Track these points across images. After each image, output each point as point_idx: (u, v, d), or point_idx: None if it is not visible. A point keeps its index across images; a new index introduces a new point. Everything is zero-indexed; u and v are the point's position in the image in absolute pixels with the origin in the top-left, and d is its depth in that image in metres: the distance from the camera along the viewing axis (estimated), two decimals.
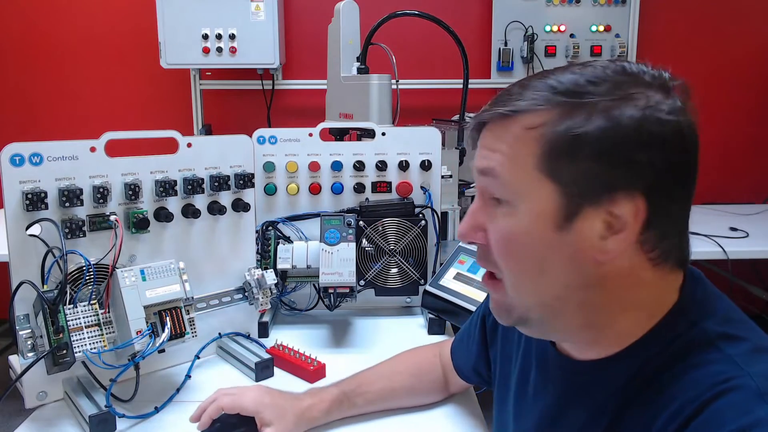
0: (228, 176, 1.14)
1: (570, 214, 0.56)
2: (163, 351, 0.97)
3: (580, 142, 0.55)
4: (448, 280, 1.29)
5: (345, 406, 0.94)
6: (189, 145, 1.10)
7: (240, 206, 1.16)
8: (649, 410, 0.57)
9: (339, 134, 1.70)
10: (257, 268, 1.19)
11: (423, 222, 1.33)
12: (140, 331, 0.93)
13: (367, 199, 1.36)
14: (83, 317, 0.93)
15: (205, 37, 2.63)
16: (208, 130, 2.91)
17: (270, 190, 1.35)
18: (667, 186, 0.56)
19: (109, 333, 0.95)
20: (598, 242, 0.56)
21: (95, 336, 0.94)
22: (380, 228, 1.31)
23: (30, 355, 0.90)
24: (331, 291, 1.22)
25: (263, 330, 1.25)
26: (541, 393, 0.71)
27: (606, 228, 0.56)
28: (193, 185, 1.09)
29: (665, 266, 0.59)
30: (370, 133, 1.38)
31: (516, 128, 0.58)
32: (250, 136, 1.22)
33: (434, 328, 1.28)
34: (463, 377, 0.96)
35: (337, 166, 1.35)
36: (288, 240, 1.32)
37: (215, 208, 1.12)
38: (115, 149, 1.01)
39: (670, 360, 0.57)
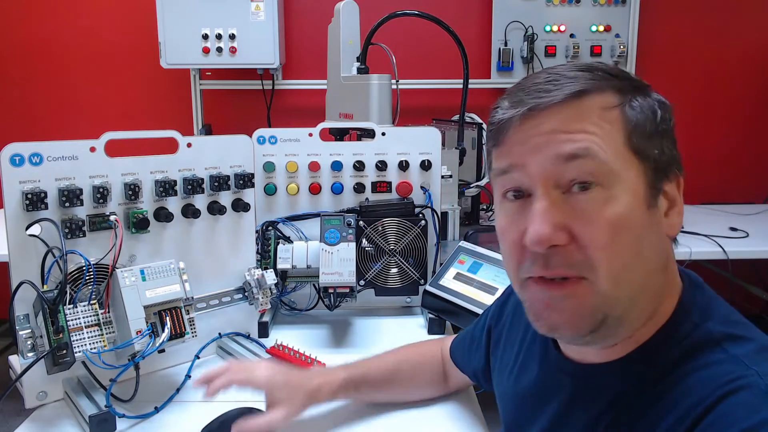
0: (228, 176, 1.14)
1: (656, 191, 0.59)
2: (163, 351, 0.97)
3: (657, 120, 0.59)
4: (448, 280, 1.29)
5: (350, 392, 0.96)
6: (189, 145, 1.10)
7: (240, 206, 1.16)
8: (654, 412, 0.56)
9: (339, 134, 1.70)
10: (257, 268, 1.19)
11: (423, 222, 1.33)
12: (140, 331, 0.93)
13: (367, 199, 1.36)
14: (83, 317, 0.93)
15: (205, 37, 2.63)
16: (208, 130, 2.91)
17: (270, 190, 1.35)
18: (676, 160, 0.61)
19: (109, 333, 0.95)
20: (665, 218, 0.60)
21: (95, 336, 0.94)
22: (380, 228, 1.31)
23: (30, 355, 0.90)
24: (331, 291, 1.22)
25: (263, 330, 1.25)
26: (545, 396, 0.71)
27: (667, 203, 0.60)
28: (193, 185, 1.09)
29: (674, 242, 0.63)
30: (370, 133, 1.38)
31: (593, 109, 0.57)
32: (250, 136, 1.22)
33: (434, 328, 1.28)
34: (464, 373, 0.97)
35: (337, 166, 1.35)
36: (288, 240, 1.32)
37: (215, 208, 1.12)
38: (115, 149, 1.01)
39: (675, 361, 0.57)
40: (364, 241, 1.30)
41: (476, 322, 0.95)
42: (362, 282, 1.31)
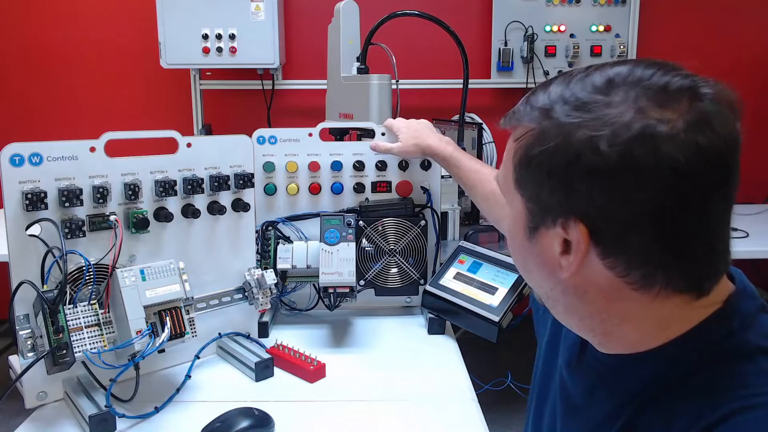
0: (228, 176, 1.14)
1: (532, 227, 0.59)
2: (163, 351, 0.97)
3: (532, 161, 0.56)
4: (448, 279, 1.29)
5: (445, 164, 1.27)
6: (189, 145, 1.10)
7: (240, 206, 1.16)
8: (669, 413, 0.56)
9: (339, 134, 1.70)
10: (257, 268, 1.19)
11: (423, 222, 1.33)
12: (140, 331, 0.93)
13: (367, 198, 1.36)
14: (83, 317, 0.93)
15: (205, 37, 2.63)
16: (208, 130, 2.91)
17: (270, 190, 1.35)
18: (616, 219, 0.52)
19: (109, 333, 0.95)
20: (557, 257, 0.57)
21: (95, 336, 0.94)
22: (380, 228, 1.31)
23: (30, 355, 0.90)
24: (331, 291, 1.22)
25: (263, 330, 1.25)
26: (571, 376, 0.71)
27: (562, 245, 0.57)
28: (193, 185, 1.09)
29: (651, 291, 0.55)
30: (370, 133, 1.38)
31: (510, 139, 0.61)
32: (250, 136, 1.22)
33: (434, 328, 1.28)
34: None
35: (336, 166, 1.35)
36: (288, 240, 1.32)
37: (215, 208, 1.12)
38: (114, 149, 1.01)
39: (703, 365, 0.56)
40: (364, 241, 1.30)
41: None
42: (362, 282, 1.31)
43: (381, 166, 1.35)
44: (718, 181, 0.52)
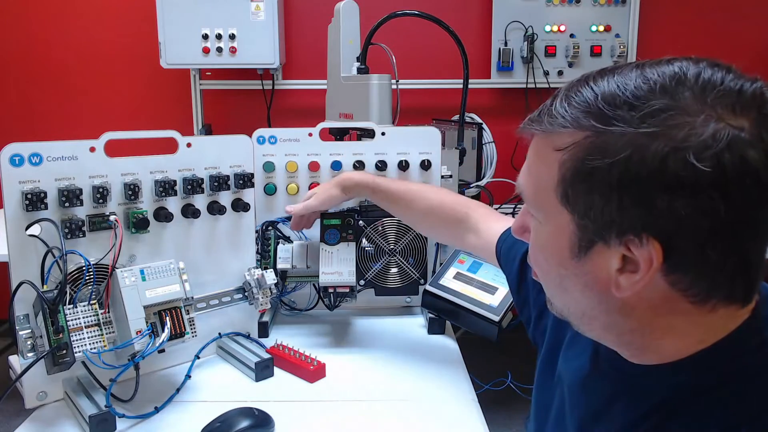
0: (228, 176, 1.13)
1: (583, 246, 0.54)
2: (162, 351, 0.97)
3: (595, 174, 0.50)
4: (448, 279, 1.29)
5: (369, 192, 1.20)
6: (189, 145, 1.10)
7: (240, 206, 1.16)
8: (703, 421, 0.54)
9: (339, 134, 1.70)
10: (257, 268, 1.19)
11: None
12: (140, 331, 0.93)
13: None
14: (83, 317, 0.93)
15: (205, 37, 2.63)
16: (208, 130, 2.91)
17: (270, 190, 1.35)
18: (698, 233, 0.49)
19: (109, 333, 0.95)
20: (614, 275, 0.53)
21: (95, 336, 0.94)
22: (380, 228, 1.31)
23: (30, 355, 0.90)
24: (331, 291, 1.22)
25: (263, 330, 1.25)
26: (590, 385, 0.69)
27: (624, 263, 0.52)
28: (193, 185, 1.09)
29: (707, 304, 0.53)
30: (370, 133, 1.38)
31: (546, 147, 0.55)
32: (250, 136, 1.22)
33: (434, 327, 1.28)
34: (499, 259, 0.97)
35: (337, 166, 1.35)
36: (288, 240, 1.32)
37: (215, 208, 1.12)
38: (114, 149, 1.01)
39: (735, 375, 0.54)
40: (364, 240, 1.30)
41: None
42: (362, 282, 1.31)
43: (381, 166, 1.35)
44: None
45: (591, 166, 0.50)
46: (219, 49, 2.65)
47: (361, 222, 1.30)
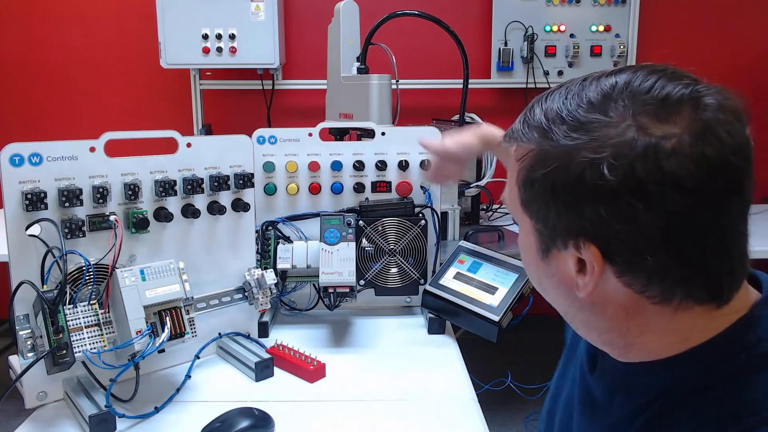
0: (228, 176, 1.13)
1: (544, 249, 0.59)
2: (162, 351, 0.97)
3: (535, 184, 0.55)
4: (448, 279, 1.29)
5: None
6: (189, 145, 1.10)
7: (240, 206, 1.16)
8: (694, 420, 0.55)
9: (339, 134, 1.70)
10: (257, 268, 1.19)
11: (423, 222, 1.33)
12: (140, 331, 0.93)
13: (366, 198, 1.36)
14: (83, 317, 0.93)
15: (205, 37, 2.63)
16: (208, 130, 2.91)
17: (270, 190, 1.35)
18: (629, 239, 0.51)
19: (109, 333, 0.95)
20: (573, 276, 0.56)
21: (95, 336, 0.94)
22: (380, 228, 1.31)
23: (30, 355, 0.90)
24: (331, 291, 1.22)
25: (263, 330, 1.25)
26: (591, 381, 0.71)
27: (577, 264, 0.56)
28: (193, 185, 1.09)
29: (671, 304, 0.54)
30: (370, 133, 1.38)
31: (514, 160, 0.60)
32: (250, 136, 1.22)
33: (434, 327, 1.28)
34: None
35: (336, 165, 1.35)
36: (288, 240, 1.32)
37: (215, 208, 1.12)
38: (114, 149, 1.01)
39: (728, 374, 0.55)
40: (364, 240, 1.30)
41: None
42: (362, 282, 1.31)
43: (381, 166, 1.35)
44: (730, 190, 0.50)
45: (532, 177, 0.55)
46: (219, 49, 2.65)
47: (361, 222, 1.30)
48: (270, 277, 1.16)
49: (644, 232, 0.50)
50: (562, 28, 2.91)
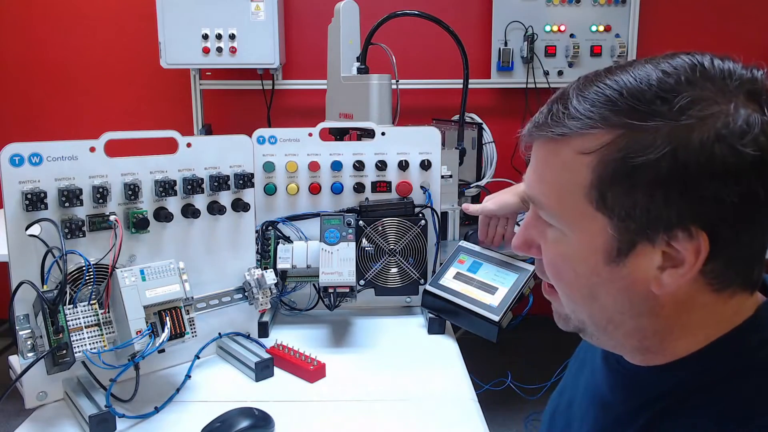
0: (228, 176, 1.13)
1: (624, 249, 0.53)
2: (162, 351, 0.97)
3: (638, 172, 0.49)
4: (448, 279, 1.29)
5: None
6: (189, 145, 1.10)
7: (240, 206, 1.16)
8: (697, 421, 0.55)
9: (339, 134, 1.70)
10: (257, 268, 1.19)
11: (423, 222, 1.33)
12: (140, 331, 0.93)
13: (366, 198, 1.36)
14: (83, 317, 0.93)
15: (205, 37, 2.63)
16: (208, 130, 2.91)
17: (270, 190, 1.35)
18: (739, 218, 0.50)
19: (109, 333, 0.95)
20: (655, 273, 0.52)
21: (95, 336, 0.94)
22: (380, 228, 1.31)
23: (30, 355, 0.90)
24: (331, 291, 1.22)
25: (263, 330, 1.25)
26: (591, 387, 0.71)
27: (664, 260, 0.52)
28: (193, 185, 1.09)
29: (726, 291, 0.54)
30: (370, 133, 1.38)
31: (567, 152, 0.53)
32: (250, 136, 1.22)
33: (434, 327, 1.28)
34: None
35: (336, 165, 1.35)
36: (288, 240, 1.32)
37: (215, 208, 1.12)
38: (114, 149, 1.01)
39: (732, 375, 0.55)
40: (364, 240, 1.30)
41: None
42: (362, 282, 1.31)
43: (381, 166, 1.35)
44: None
45: (632, 164, 0.49)
46: (219, 49, 2.65)
47: (361, 222, 1.30)
48: (270, 277, 1.16)
49: (754, 210, 0.50)
50: (562, 28, 2.91)
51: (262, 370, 1.09)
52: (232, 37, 2.64)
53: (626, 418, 0.62)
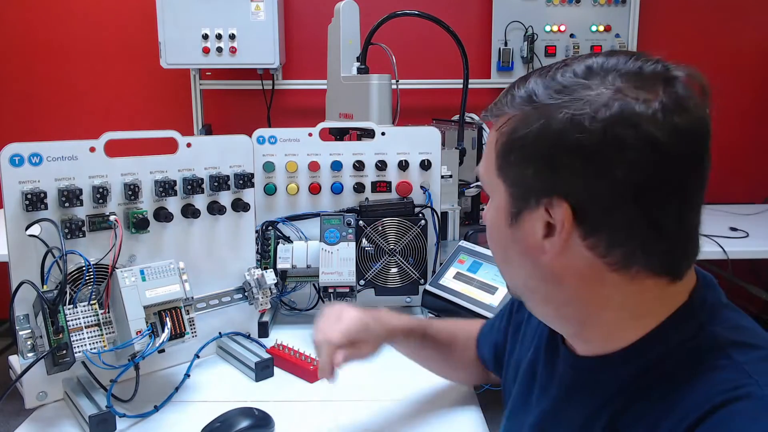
0: (228, 176, 1.14)
1: (515, 213, 0.60)
2: (162, 351, 0.97)
3: (515, 145, 0.58)
4: (448, 279, 1.29)
5: (416, 338, 0.98)
6: (189, 145, 1.10)
7: (240, 206, 1.16)
8: (652, 412, 0.56)
9: (339, 134, 1.70)
10: (257, 268, 1.19)
11: (423, 222, 1.33)
12: (140, 331, 0.93)
13: (366, 198, 1.36)
14: (83, 317, 0.93)
15: (205, 37, 2.63)
16: (208, 130, 2.91)
17: (270, 190, 1.35)
18: (601, 196, 0.54)
19: (109, 333, 0.95)
20: (540, 240, 0.58)
21: (95, 336, 0.94)
22: (380, 228, 1.31)
23: (30, 355, 0.90)
24: (331, 290, 1.22)
25: (263, 330, 1.25)
26: (546, 388, 0.72)
27: (545, 228, 0.58)
28: (193, 185, 1.09)
29: (630, 272, 0.57)
30: (369, 133, 1.38)
31: (492, 130, 0.63)
32: (250, 136, 1.22)
33: None
34: (484, 362, 0.98)
35: (336, 165, 1.35)
36: (288, 240, 1.32)
37: (215, 208, 1.12)
38: (114, 149, 1.01)
39: (677, 363, 0.57)
40: (364, 240, 1.30)
41: (501, 309, 0.97)
42: (362, 282, 1.31)
43: (381, 166, 1.35)
44: (695, 161, 0.55)
45: (514, 137, 0.58)
46: (219, 49, 2.65)
47: (361, 222, 1.30)
48: (270, 277, 1.16)
49: (616, 188, 0.53)
50: (562, 28, 2.91)
51: (262, 370, 1.09)
52: (232, 37, 2.64)
53: (588, 422, 0.63)
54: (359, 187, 1.35)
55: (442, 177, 1.40)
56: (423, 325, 1.00)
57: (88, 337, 0.93)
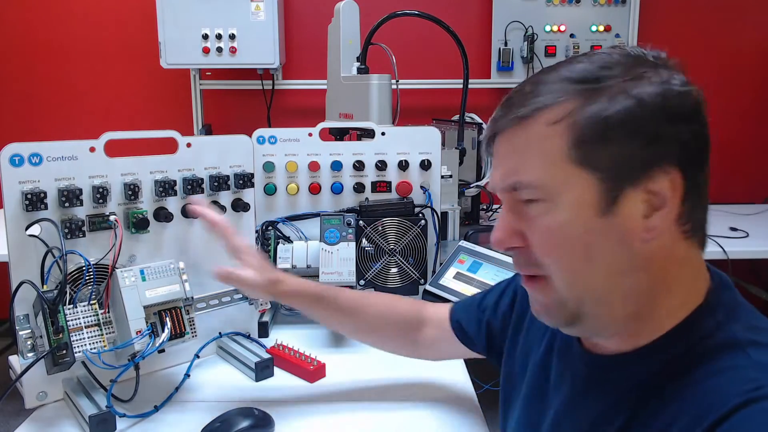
0: (228, 176, 1.14)
1: (612, 198, 0.57)
2: (163, 351, 0.97)
3: (608, 124, 0.56)
4: (448, 279, 1.29)
5: (312, 301, 0.98)
6: (189, 145, 1.10)
7: (240, 206, 1.16)
8: (670, 411, 0.56)
9: (339, 134, 1.70)
10: None
11: (423, 222, 1.33)
12: (140, 331, 0.93)
13: (366, 198, 1.36)
14: (83, 317, 0.93)
15: (205, 37, 2.63)
16: (208, 130, 2.91)
17: (270, 190, 1.35)
18: (695, 156, 0.58)
19: (109, 333, 0.95)
20: (643, 221, 0.57)
21: (95, 336, 0.94)
22: (380, 228, 1.31)
23: (30, 355, 0.90)
24: None
25: (263, 330, 1.25)
26: (559, 387, 0.71)
27: (648, 206, 0.57)
28: (193, 185, 1.09)
29: (694, 241, 0.60)
30: (369, 133, 1.38)
31: (539, 127, 0.58)
32: (250, 136, 1.22)
33: None
34: (457, 329, 0.96)
35: (336, 165, 1.35)
36: (288, 240, 1.32)
37: (215, 208, 1.12)
38: (114, 149, 1.01)
39: (696, 361, 0.56)
40: (363, 240, 1.30)
41: (493, 288, 0.95)
42: (362, 282, 1.31)
43: (381, 166, 1.36)
44: (707, 131, 0.60)
45: (602, 119, 0.56)
46: (219, 49, 2.65)
47: (361, 222, 1.30)
48: None
49: (704, 150, 0.59)
50: (562, 28, 2.91)
51: (262, 370, 1.09)
52: (232, 37, 2.64)
53: (604, 418, 0.62)
54: (359, 187, 1.35)
55: (442, 177, 1.40)
56: (326, 292, 0.99)
57: (88, 337, 0.93)
